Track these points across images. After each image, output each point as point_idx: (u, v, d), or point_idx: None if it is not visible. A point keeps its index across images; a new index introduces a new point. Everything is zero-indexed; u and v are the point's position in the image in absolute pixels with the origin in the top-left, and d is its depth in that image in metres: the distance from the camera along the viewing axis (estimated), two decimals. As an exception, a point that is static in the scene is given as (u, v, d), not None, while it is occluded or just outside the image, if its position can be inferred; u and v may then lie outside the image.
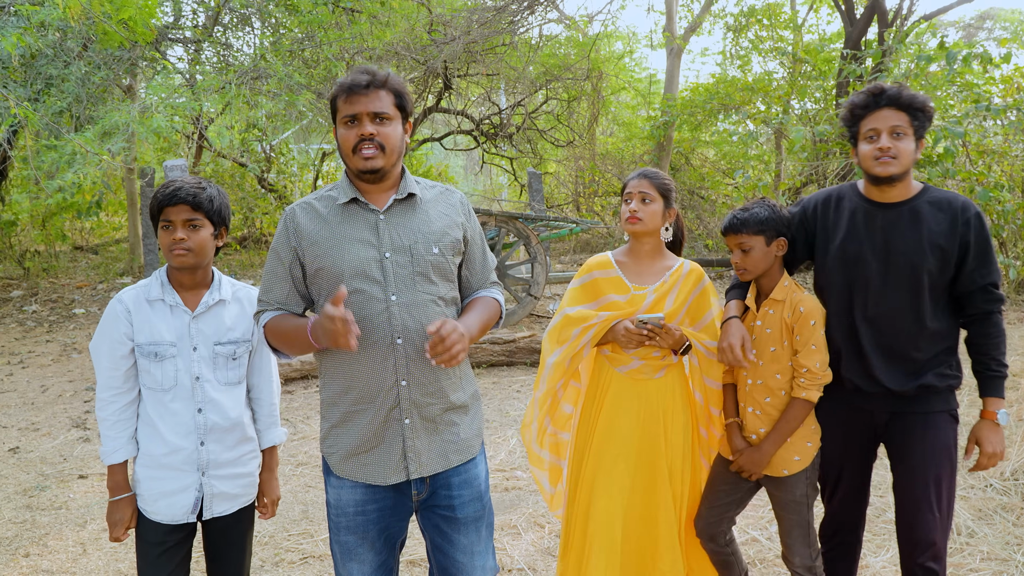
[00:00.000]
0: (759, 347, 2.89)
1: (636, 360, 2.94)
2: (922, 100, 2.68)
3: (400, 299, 2.31)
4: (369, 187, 2.39)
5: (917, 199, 2.74)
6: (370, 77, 2.32)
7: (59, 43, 8.53)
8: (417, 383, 2.33)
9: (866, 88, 2.75)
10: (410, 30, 12.18)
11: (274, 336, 2.37)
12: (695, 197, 15.69)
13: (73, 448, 5.56)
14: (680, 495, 2.97)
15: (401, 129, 2.38)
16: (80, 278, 12.53)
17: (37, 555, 4.01)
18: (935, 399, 2.76)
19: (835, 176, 10.48)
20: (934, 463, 2.72)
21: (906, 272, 2.69)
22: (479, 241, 2.58)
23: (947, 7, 11.35)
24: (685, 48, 15.21)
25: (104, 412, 2.51)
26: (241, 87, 8.91)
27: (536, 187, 10.55)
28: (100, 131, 7.38)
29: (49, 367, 7.82)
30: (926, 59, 7.75)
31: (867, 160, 2.71)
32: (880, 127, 2.67)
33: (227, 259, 13.95)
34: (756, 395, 2.91)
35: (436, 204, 2.47)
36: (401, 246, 2.34)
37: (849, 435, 2.88)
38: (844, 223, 2.82)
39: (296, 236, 2.36)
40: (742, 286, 3.04)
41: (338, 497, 2.40)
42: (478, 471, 2.51)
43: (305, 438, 5.71)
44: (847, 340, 2.80)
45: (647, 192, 2.93)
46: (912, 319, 2.71)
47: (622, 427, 2.93)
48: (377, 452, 2.34)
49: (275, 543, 4.11)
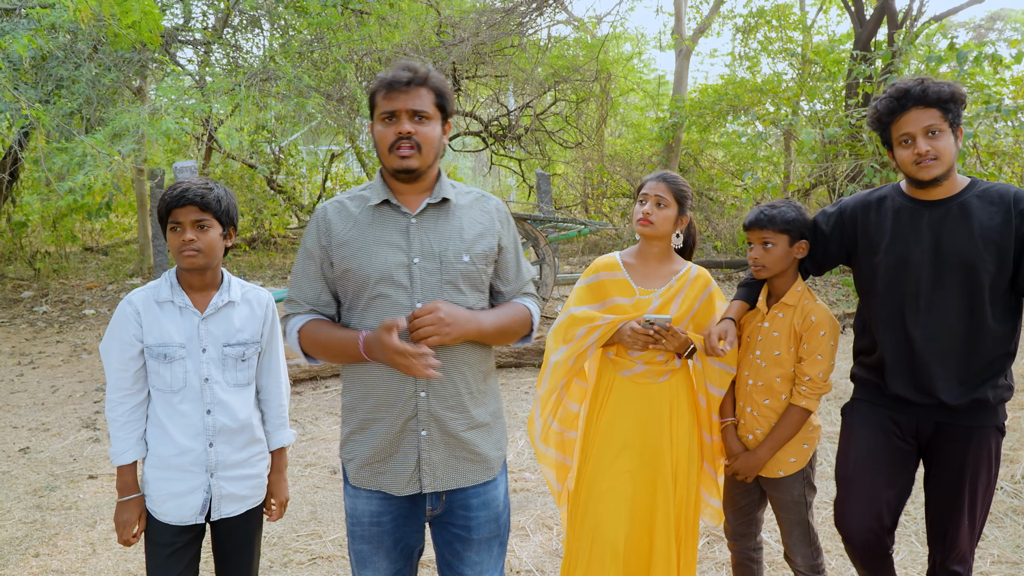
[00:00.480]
0: (764, 349, 2.87)
1: (640, 364, 2.92)
2: (949, 91, 2.50)
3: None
4: (403, 187, 2.33)
5: (965, 193, 2.58)
6: (411, 74, 2.25)
7: (70, 45, 8.58)
8: (436, 395, 2.27)
9: (888, 92, 2.59)
10: (419, 32, 12.21)
11: (312, 344, 2.33)
12: (704, 199, 15.66)
13: (83, 448, 5.58)
14: (684, 500, 2.93)
15: (440, 130, 2.32)
16: (90, 279, 12.59)
17: (47, 555, 4.02)
18: (985, 413, 2.61)
19: (844, 177, 10.44)
20: (973, 473, 2.61)
21: (960, 272, 2.52)
22: (514, 250, 2.49)
23: (957, 8, 11.31)
24: (694, 49, 15.19)
25: (114, 413, 2.52)
26: (251, 89, 8.94)
27: (544, 188, 10.55)
28: (110, 133, 7.41)
29: (59, 368, 7.85)
30: (936, 60, 7.72)
31: (907, 166, 2.56)
32: (913, 130, 2.52)
33: (236, 260, 14.00)
34: (756, 396, 2.90)
35: (470, 210, 2.40)
36: (431, 252, 2.28)
37: (881, 443, 2.73)
38: (888, 225, 2.67)
39: (326, 235, 2.33)
40: (752, 285, 2.98)
41: (354, 506, 2.37)
42: (498, 492, 2.43)
43: (314, 439, 5.72)
44: (897, 349, 2.65)
45: (663, 196, 2.90)
46: (969, 322, 2.54)
47: (623, 431, 2.91)
48: (391, 462, 2.29)
49: (284, 544, 4.12)
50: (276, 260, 14.46)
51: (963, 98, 2.53)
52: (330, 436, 5.77)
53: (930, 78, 2.56)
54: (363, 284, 2.26)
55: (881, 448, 2.74)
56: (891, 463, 2.73)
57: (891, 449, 2.73)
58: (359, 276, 2.26)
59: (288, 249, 15.47)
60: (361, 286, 2.26)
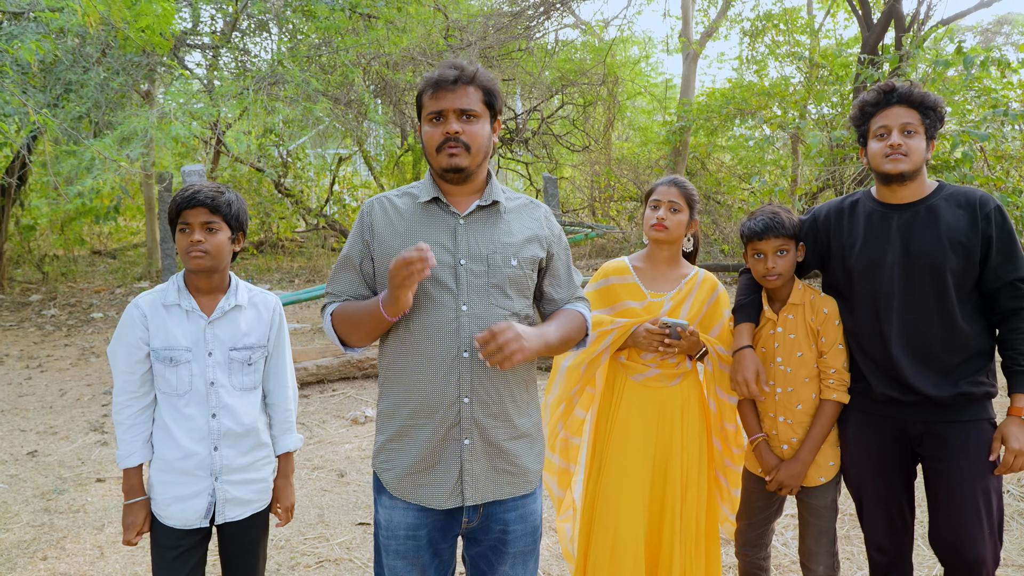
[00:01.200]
0: (785, 355, 2.86)
1: (652, 368, 2.92)
2: (933, 99, 2.62)
3: (471, 310, 2.19)
4: (452, 188, 2.28)
5: (933, 197, 2.67)
6: (458, 72, 2.20)
7: (78, 49, 8.62)
8: (480, 401, 2.20)
9: (877, 86, 2.70)
10: (426, 36, 12.23)
11: (340, 320, 2.26)
12: (711, 202, 15.63)
13: (91, 451, 5.60)
14: (696, 506, 2.92)
15: (489, 128, 2.27)
16: (98, 282, 12.63)
17: (55, 558, 4.03)
18: (972, 407, 2.63)
19: (852, 181, 10.42)
20: (980, 473, 2.59)
21: (929, 273, 2.59)
22: (564, 256, 2.46)
23: (965, 12, 11.27)
24: (701, 53, 15.18)
25: (120, 416, 2.52)
26: (259, 93, 8.96)
27: (552, 192, 10.54)
28: (119, 137, 7.43)
29: (67, 371, 7.88)
30: (943, 64, 7.71)
31: (877, 157, 2.66)
32: (891, 124, 2.63)
33: (244, 264, 14.03)
34: (788, 404, 2.86)
35: (519, 216, 2.35)
36: (478, 254, 2.23)
37: (877, 449, 2.76)
38: (860, 230, 2.74)
39: (370, 231, 2.29)
40: (749, 307, 2.94)
41: (389, 518, 2.28)
42: (536, 506, 2.38)
43: (321, 442, 5.73)
44: (875, 350, 2.70)
45: (676, 201, 2.90)
46: (941, 321, 2.60)
47: (638, 437, 2.90)
48: (433, 473, 2.21)
49: (291, 547, 4.12)
50: (284, 264, 14.49)
51: (943, 113, 2.66)
52: (337, 439, 5.78)
53: (917, 83, 2.68)
54: None
55: (881, 462, 2.77)
56: (893, 470, 2.77)
57: (889, 454, 2.76)
58: None
59: (296, 253, 15.49)
60: None
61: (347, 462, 5.32)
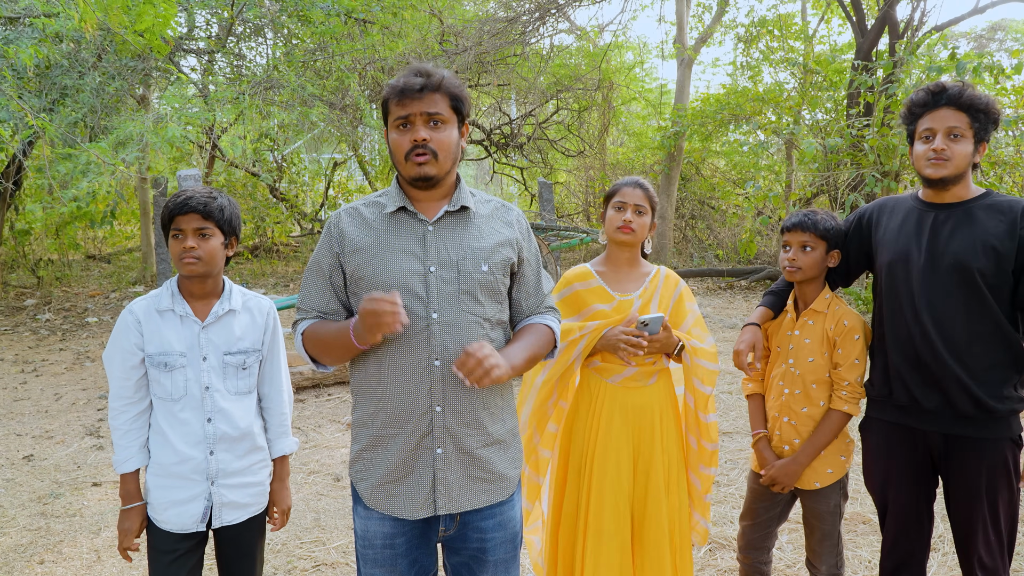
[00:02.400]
0: (796, 357, 2.89)
1: (630, 368, 2.90)
2: (985, 101, 2.54)
3: (442, 318, 2.16)
4: (420, 194, 2.25)
5: (975, 201, 2.61)
6: (424, 80, 2.15)
7: (73, 54, 8.62)
8: (453, 410, 2.18)
9: (927, 85, 2.64)
10: (422, 41, 12.26)
11: (312, 343, 2.25)
12: (705, 207, 15.69)
13: (87, 456, 5.60)
14: (678, 507, 2.92)
15: (457, 134, 2.23)
16: (93, 287, 12.62)
17: (52, 562, 4.03)
18: (995, 424, 2.58)
19: (846, 187, 10.46)
20: (991, 485, 2.58)
21: (955, 274, 2.54)
22: (535, 262, 2.41)
23: (958, 18, 11.33)
24: (696, 59, 15.23)
25: (116, 421, 2.53)
26: (254, 98, 8.98)
27: (547, 197, 10.57)
28: (114, 141, 7.44)
29: (63, 375, 7.87)
30: (937, 70, 7.74)
31: (919, 160, 2.61)
32: (936, 127, 2.56)
33: (238, 268, 14.03)
34: (793, 405, 2.89)
35: (490, 220, 2.32)
36: (448, 261, 2.19)
37: (897, 457, 2.74)
38: (896, 226, 2.73)
39: (339, 242, 2.25)
40: (778, 293, 3.02)
41: (365, 528, 2.27)
42: (514, 512, 2.35)
43: (317, 447, 5.73)
44: (902, 347, 2.67)
45: (642, 204, 2.91)
46: (965, 321, 2.55)
47: (621, 440, 2.88)
48: (406, 482, 2.19)
49: (287, 551, 4.13)
50: (279, 268, 14.50)
51: (997, 115, 2.57)
52: (333, 444, 5.78)
53: (969, 84, 2.60)
54: (377, 292, 2.11)
55: (902, 471, 2.75)
56: (912, 482, 2.75)
57: (909, 467, 2.74)
58: (373, 284, 2.18)
59: (290, 257, 15.50)
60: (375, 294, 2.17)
61: (343, 466, 5.32)
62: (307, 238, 16.18)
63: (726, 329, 9.35)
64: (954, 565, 3.83)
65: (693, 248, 15.24)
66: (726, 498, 4.66)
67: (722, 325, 9.55)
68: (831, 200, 11.92)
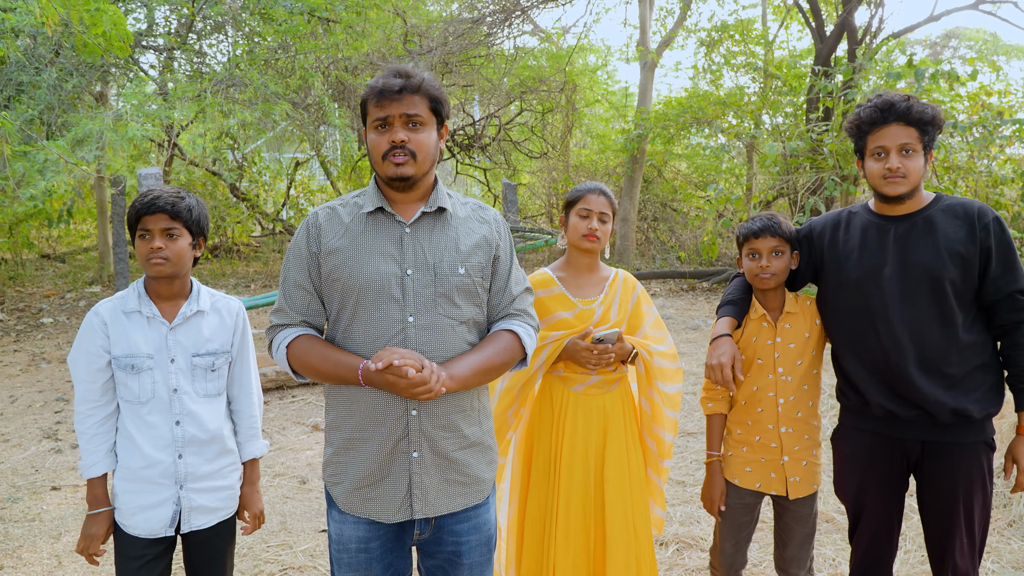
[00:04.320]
0: (785, 364, 2.84)
1: (594, 376, 2.95)
2: (931, 113, 2.55)
3: (418, 321, 2.15)
4: (398, 195, 2.24)
5: (930, 208, 2.63)
6: (403, 81, 2.15)
7: (30, 49, 8.45)
8: (428, 413, 2.16)
9: (873, 102, 2.63)
10: (386, 41, 12.21)
11: (302, 365, 2.22)
12: (667, 209, 15.81)
13: (45, 459, 5.48)
14: (641, 508, 2.96)
15: (435, 136, 2.23)
16: (48, 287, 12.36)
17: (11, 567, 3.94)
18: (971, 429, 2.61)
19: (805, 190, 10.61)
20: (966, 492, 2.60)
21: (926, 282, 2.56)
22: (507, 263, 2.37)
23: (915, 25, 11.57)
24: (659, 62, 15.35)
25: (82, 426, 2.49)
26: (215, 95, 8.87)
27: (511, 198, 10.58)
28: (73, 139, 7.30)
29: (17, 377, 7.70)
30: (895, 76, 7.90)
31: (875, 179, 2.61)
32: (888, 145, 2.56)
33: (199, 268, 13.83)
34: (789, 413, 2.85)
35: (468, 221, 2.31)
36: (424, 263, 2.18)
37: (875, 466, 2.75)
38: (856, 242, 2.71)
39: (317, 241, 2.23)
40: (736, 303, 2.92)
41: (340, 532, 2.25)
42: (489, 515, 2.34)
43: (282, 449, 5.68)
44: (876, 362, 2.66)
45: (605, 212, 2.93)
46: (940, 331, 2.56)
47: (588, 443, 2.93)
48: (382, 486, 2.17)
49: (254, 555, 4.08)
50: (239, 268, 14.32)
51: (942, 123, 2.59)
52: (298, 446, 5.73)
53: (916, 97, 2.60)
54: (352, 294, 2.16)
55: (877, 480, 2.77)
56: (888, 489, 2.77)
57: (887, 475, 2.75)
58: (348, 286, 2.16)
59: (251, 257, 15.32)
60: (350, 296, 2.17)
61: (308, 468, 5.28)
62: (268, 238, 16.00)
63: (688, 330, 9.43)
64: (916, 563, 3.91)
65: (655, 250, 15.36)
66: (692, 498, 4.70)
67: (684, 326, 9.63)
68: (791, 203, 12.09)
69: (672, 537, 4.17)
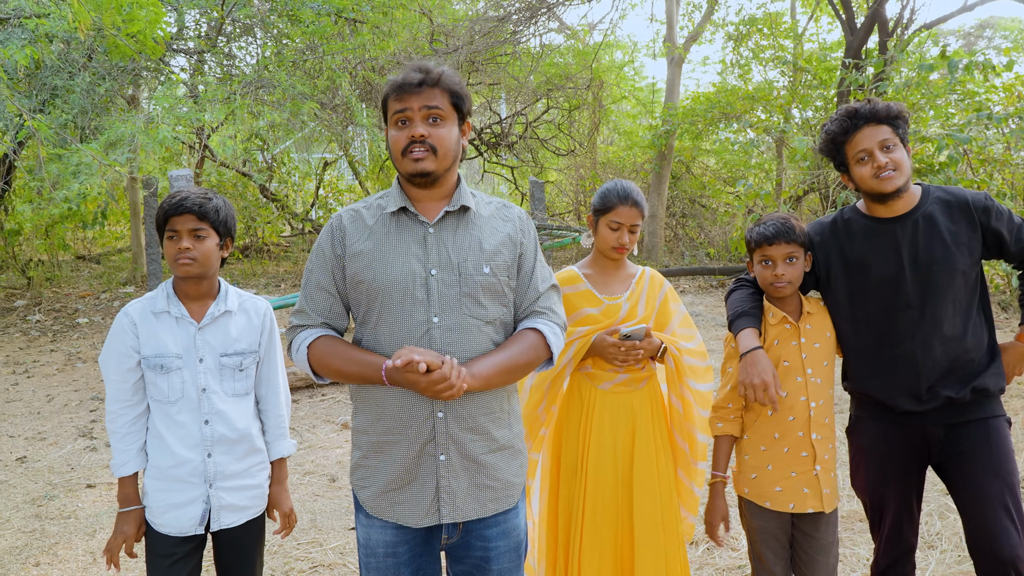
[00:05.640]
0: (813, 365, 2.75)
1: (621, 375, 2.93)
2: (897, 108, 2.61)
3: (443, 321, 2.13)
4: (420, 193, 2.21)
5: (924, 203, 2.65)
6: (423, 75, 2.13)
7: (64, 54, 8.58)
8: (455, 416, 2.14)
9: (836, 114, 2.66)
10: (412, 40, 12.25)
11: (324, 368, 2.20)
12: (696, 206, 15.71)
13: (80, 457, 5.58)
14: (668, 505, 2.93)
15: (457, 131, 2.20)
16: (83, 288, 12.56)
17: (47, 564, 4.02)
18: (990, 403, 2.65)
19: (836, 185, 10.50)
20: (1005, 470, 2.57)
21: (942, 278, 2.59)
22: (531, 260, 2.33)
23: (948, 16, 11.38)
24: (686, 57, 15.26)
25: (113, 425, 2.52)
26: (245, 97, 8.95)
27: (538, 196, 10.58)
28: (105, 142, 7.41)
29: (54, 376, 7.84)
30: (927, 68, 7.78)
31: (868, 181, 2.61)
32: (869, 146, 2.59)
33: (229, 268, 13.98)
34: (819, 417, 2.74)
35: (492, 220, 2.28)
36: (449, 263, 2.16)
37: (894, 456, 2.73)
38: (863, 248, 2.69)
39: (341, 244, 2.21)
40: (750, 314, 2.79)
41: (367, 536, 2.23)
42: (518, 521, 2.31)
43: (312, 447, 5.73)
44: (902, 366, 2.65)
45: (636, 223, 2.91)
46: (959, 321, 2.62)
47: (615, 442, 2.91)
48: (409, 490, 2.15)
49: (284, 552, 4.12)
50: (269, 268, 14.45)
51: (907, 116, 2.63)
52: (328, 444, 5.78)
53: (875, 98, 2.65)
54: (377, 296, 2.15)
55: (896, 468, 2.75)
56: (906, 476, 2.75)
57: (905, 462, 2.74)
58: (373, 288, 2.15)
59: (281, 257, 15.46)
60: (375, 298, 2.15)
61: (338, 467, 5.32)
62: (297, 238, 16.13)
63: (718, 327, 9.37)
64: (952, 563, 3.85)
65: (684, 247, 15.26)
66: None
67: (714, 323, 9.57)
68: (822, 198, 11.97)
69: (702, 536, 4.15)
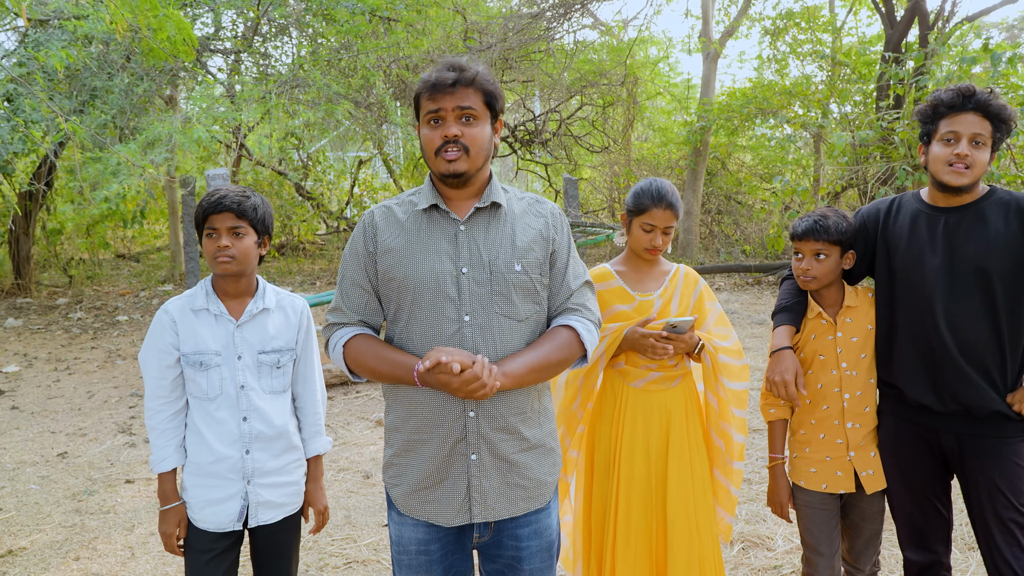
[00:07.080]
0: (849, 359, 2.78)
1: (653, 372, 2.90)
2: (1009, 113, 2.49)
3: (474, 320, 2.11)
4: (452, 192, 2.20)
5: (983, 201, 2.57)
6: (456, 75, 2.10)
7: (103, 56, 8.70)
8: (486, 415, 2.13)
9: (956, 87, 2.55)
10: (446, 38, 12.26)
11: (359, 366, 2.20)
12: (732, 202, 15.58)
13: (120, 453, 5.65)
14: (703, 504, 2.90)
15: (490, 130, 2.18)
16: (123, 286, 12.75)
17: (87, 558, 4.08)
18: (1011, 426, 2.56)
19: (876, 180, 10.34)
20: (1013, 493, 2.51)
21: (975, 277, 2.51)
22: (564, 256, 2.30)
23: (990, 8, 11.16)
24: (722, 52, 15.12)
25: (152, 421, 2.55)
26: (281, 97, 9.02)
27: (572, 193, 10.53)
28: (144, 142, 7.50)
29: (95, 373, 7.96)
30: (970, 61, 7.63)
31: (938, 163, 2.54)
32: (961, 131, 2.50)
33: (265, 266, 14.12)
34: (856, 408, 2.78)
35: (524, 216, 2.25)
36: (480, 261, 2.14)
37: (908, 454, 2.71)
38: (905, 231, 2.66)
39: (373, 241, 2.21)
40: (792, 309, 2.85)
41: (399, 534, 2.24)
42: (550, 520, 2.29)
43: (347, 444, 5.75)
44: (919, 355, 2.63)
45: (670, 225, 2.87)
46: (986, 326, 2.52)
47: (648, 440, 2.88)
48: (441, 489, 2.15)
49: (319, 548, 4.14)
50: (305, 266, 14.58)
51: (1013, 128, 2.53)
52: (362, 441, 5.80)
53: (997, 90, 2.54)
54: (408, 294, 2.14)
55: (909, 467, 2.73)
56: (915, 477, 2.73)
57: (916, 464, 2.72)
58: (404, 285, 2.14)
59: (316, 255, 15.59)
60: (405, 296, 2.15)
61: (372, 463, 5.34)
62: (333, 236, 16.25)
63: (754, 325, 9.28)
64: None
65: (720, 243, 15.14)
66: (758, 495, 4.62)
67: (750, 321, 9.48)
68: (860, 194, 11.80)
69: (737, 536, 4.10)
